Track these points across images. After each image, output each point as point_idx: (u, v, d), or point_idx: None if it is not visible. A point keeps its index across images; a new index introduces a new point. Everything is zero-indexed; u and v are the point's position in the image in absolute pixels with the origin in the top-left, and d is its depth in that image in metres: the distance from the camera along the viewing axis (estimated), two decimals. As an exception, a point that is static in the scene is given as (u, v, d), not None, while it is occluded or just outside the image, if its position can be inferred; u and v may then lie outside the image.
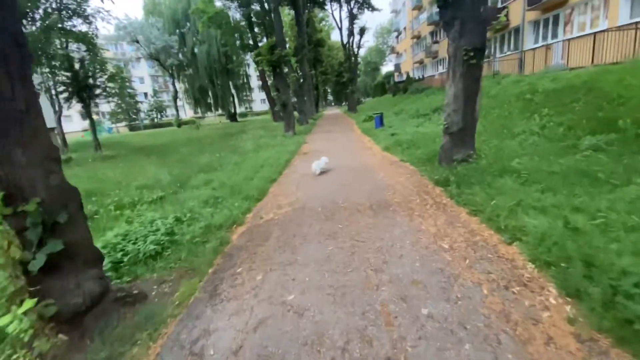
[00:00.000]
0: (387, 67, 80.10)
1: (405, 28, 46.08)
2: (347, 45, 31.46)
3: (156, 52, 32.40)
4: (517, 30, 19.56)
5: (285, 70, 15.93)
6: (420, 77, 36.54)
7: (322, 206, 4.84)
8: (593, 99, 7.50)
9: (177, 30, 34.77)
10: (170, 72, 35.53)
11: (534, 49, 17.17)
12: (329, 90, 77.88)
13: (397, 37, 52.78)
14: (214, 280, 3.06)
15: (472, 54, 5.20)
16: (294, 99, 20.03)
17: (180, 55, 35.69)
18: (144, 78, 64.06)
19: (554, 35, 16.48)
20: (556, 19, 16.30)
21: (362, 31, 29.96)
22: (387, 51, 78.19)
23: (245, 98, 48.10)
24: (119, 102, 47.55)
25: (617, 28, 11.44)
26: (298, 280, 2.86)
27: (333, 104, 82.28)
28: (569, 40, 14.57)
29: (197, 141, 16.45)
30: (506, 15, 19.39)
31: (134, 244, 3.75)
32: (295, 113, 25.65)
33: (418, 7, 37.38)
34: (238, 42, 28.74)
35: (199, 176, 7.48)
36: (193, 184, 6.85)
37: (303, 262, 3.18)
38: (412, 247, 3.22)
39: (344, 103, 74.88)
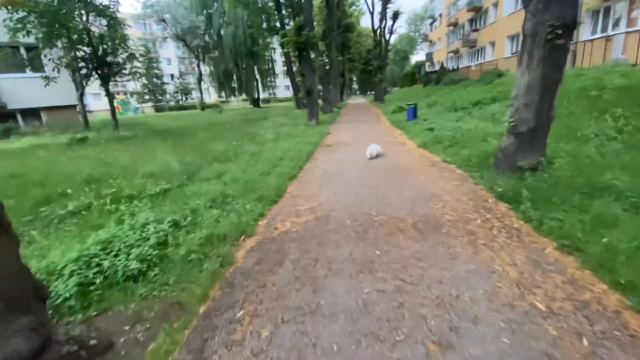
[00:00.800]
0: (417, 57, 76.70)
1: (441, 15, 43.19)
2: (378, 31, 29.62)
3: (182, 33, 31.90)
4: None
5: (312, 55, 14.81)
6: (455, 67, 34.17)
7: (352, 217, 3.88)
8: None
9: (205, 11, 34.09)
10: (196, 53, 35.09)
11: (591, 41, 15.08)
12: (354, 79, 75.60)
13: (431, 24, 49.80)
14: (204, 328, 2.20)
15: (559, 31, 3.96)
16: (319, 86, 18.92)
17: (206, 37, 35.14)
18: (171, 59, 64.54)
19: (615, 26, 14.32)
20: (619, 8, 14.10)
21: (396, 15, 28.01)
22: (418, 39, 74.62)
23: (269, 84, 47.27)
24: (146, 82, 48.33)
25: None
26: (320, 347, 1.94)
27: (358, 92, 79.96)
28: (633, 32, 12.60)
29: (217, 126, 15.79)
30: None
31: (116, 256, 2.97)
32: (319, 101, 24.60)
33: (457, -9, 34.64)
34: (265, 25, 27.68)
35: (212, 166, 6.69)
36: (204, 175, 6.06)
37: (328, 311, 2.25)
38: (490, 302, 2.21)
39: (369, 92, 72.66)
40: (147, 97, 48.33)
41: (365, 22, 73.11)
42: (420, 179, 5.26)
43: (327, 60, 25.44)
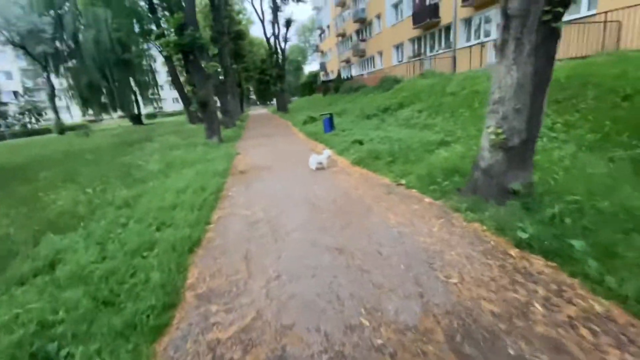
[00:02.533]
0: (310, 67, 79.26)
1: (328, 26, 45.02)
2: (272, 39, 28.39)
3: (20, 38, 24.00)
4: (448, 28, 19.36)
5: (203, 61, 12.18)
6: (349, 76, 35.67)
7: (332, 351, 1.98)
8: (601, 95, 6.24)
9: (51, 11, 26.69)
10: (43, 63, 27.08)
11: (469, 47, 16.92)
12: (251, 89, 73.03)
13: (320, 35, 51.61)
14: None
15: (560, 9, 2.95)
16: (215, 97, 16.24)
17: (57, 43, 27.59)
18: (11, 73, 49.93)
19: (487, 34, 16.40)
20: (488, 18, 16.20)
21: (289, 23, 27.26)
22: (309, 50, 77.30)
23: (152, 97, 40.69)
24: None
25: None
26: None
27: (258, 103, 77.77)
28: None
29: (75, 157, 11.54)
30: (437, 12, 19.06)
31: None
32: (218, 114, 21.60)
33: (342, 4, 36.41)
34: (137, 29, 23.13)
35: (40, 247, 3.77)
36: (16, 271, 3.20)
37: None
38: None
39: (269, 102, 71.37)
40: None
41: (255, 32, 71.47)
42: (389, 219, 3.72)
43: (220, 69, 22.65)
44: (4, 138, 33.78)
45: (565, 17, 3.47)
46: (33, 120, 37.49)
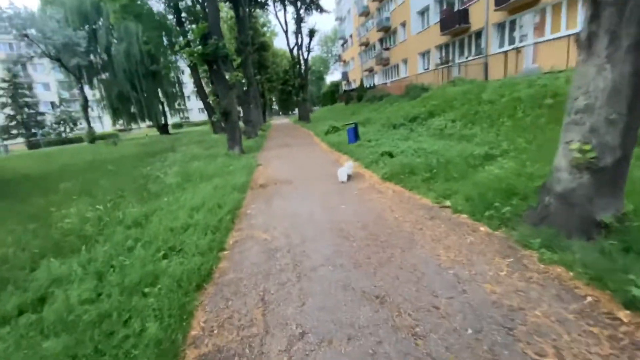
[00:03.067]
0: (331, 77, 79.52)
1: (351, 35, 44.90)
2: (295, 49, 28.43)
3: (56, 51, 25.43)
4: (478, 33, 18.44)
5: (226, 72, 12.04)
6: (371, 85, 35.08)
7: None
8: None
9: (86, 26, 28.20)
10: (76, 75, 28.52)
11: (503, 53, 15.90)
12: (274, 99, 74.08)
13: (342, 45, 51.62)
14: None
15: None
16: (238, 107, 16.13)
17: (91, 56, 29.02)
18: (49, 84, 53.32)
19: (523, 39, 15.33)
20: (524, 22, 15.15)
21: (312, 33, 27.20)
22: (331, 60, 77.73)
23: (179, 107, 41.93)
24: (13, 112, 38.08)
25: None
26: None
27: (280, 113, 78.73)
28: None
29: (98, 167, 11.58)
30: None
31: None
32: (240, 123, 21.62)
33: (365, 14, 36.16)
34: (165, 41, 23.77)
35: (38, 271, 3.38)
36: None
37: None
38: None
39: (291, 112, 72.07)
40: (15, 131, 38.04)
41: (278, 44, 72.90)
42: (440, 255, 3.01)
43: (243, 80, 22.79)
44: (39, 146, 35.74)
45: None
46: (68, 129, 39.47)
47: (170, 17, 20.76)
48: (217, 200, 5.42)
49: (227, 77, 11.19)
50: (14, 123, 37.68)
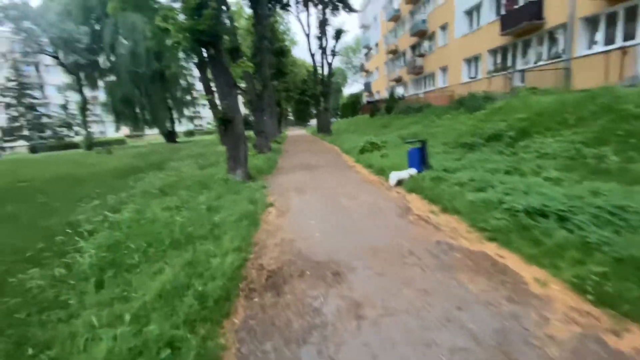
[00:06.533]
0: (349, 89, 76.51)
1: (377, 44, 41.65)
2: (320, 54, 25.18)
3: (54, 46, 22.98)
4: (554, 31, 14.58)
5: (228, 60, 8.42)
6: (401, 96, 31.36)
7: None
8: None
9: (89, 21, 25.81)
10: (75, 74, 25.98)
11: (601, 54, 11.93)
12: (289, 110, 71.33)
13: (366, 54, 48.46)
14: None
15: None
16: (246, 112, 12.61)
17: (94, 55, 26.50)
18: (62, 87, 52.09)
19: (630, 36, 11.35)
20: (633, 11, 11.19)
21: (339, 34, 23.90)
22: (350, 71, 74.82)
23: (192, 114, 39.29)
24: (16, 114, 36.23)
25: None
26: None
27: (295, 124, 75.91)
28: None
29: (42, 189, 8.18)
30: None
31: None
32: (251, 133, 18.13)
33: (395, 18, 32.80)
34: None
35: None
36: None
37: None
38: None
39: (307, 123, 69.07)
40: (17, 133, 36.05)
41: (297, 53, 70.59)
42: None
43: (255, 77, 19.37)
44: (35, 151, 33.41)
45: None
46: (72, 133, 37.28)
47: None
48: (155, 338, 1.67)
49: (229, 68, 7.66)
50: (17, 125, 35.74)
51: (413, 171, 6.77)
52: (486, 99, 13.40)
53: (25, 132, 36.10)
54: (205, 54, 7.83)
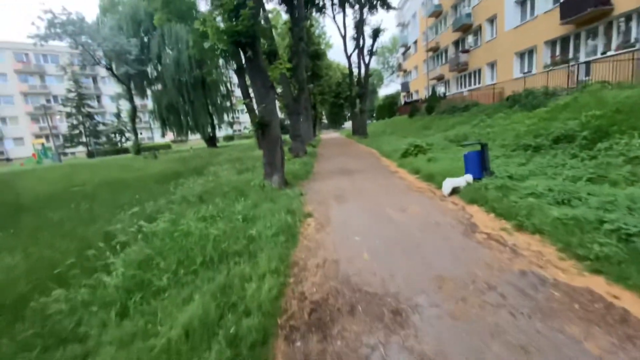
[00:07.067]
0: (385, 90, 74.68)
1: (415, 42, 40.03)
2: (355, 54, 24.55)
3: (107, 58, 24.82)
4: (624, 18, 12.69)
5: (266, 62, 8.15)
6: (441, 95, 29.63)
7: None
8: None
9: (140, 33, 27.55)
10: (126, 84, 27.83)
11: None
12: (323, 113, 71.24)
13: (404, 53, 46.85)
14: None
15: None
16: (281, 116, 12.35)
17: (144, 66, 28.21)
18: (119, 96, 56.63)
19: None
20: None
21: (377, 32, 23.06)
22: (386, 72, 73.02)
23: (232, 120, 40.49)
24: (75, 122, 39.85)
25: None
26: None
27: (329, 127, 75.64)
28: None
29: (88, 195, 8.46)
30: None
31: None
32: (286, 137, 17.98)
33: (436, 14, 31.18)
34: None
35: None
36: None
37: None
38: None
39: (342, 126, 68.55)
40: (75, 140, 39.62)
41: (332, 56, 70.44)
42: None
43: (292, 81, 19.28)
44: (92, 155, 36.33)
45: None
46: (123, 139, 40.15)
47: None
48: None
49: (267, 71, 7.36)
50: (76, 132, 39.26)
51: (469, 178, 5.93)
52: (547, 95, 11.90)
53: (84, 139, 39.48)
54: (243, 58, 7.63)
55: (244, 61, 7.64)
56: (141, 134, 54.96)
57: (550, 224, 3.61)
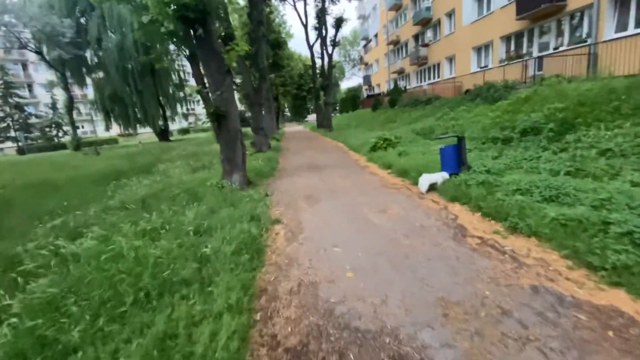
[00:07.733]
0: (347, 83, 75.02)
1: (376, 35, 40.15)
2: (319, 44, 23.78)
3: (36, 41, 21.41)
4: (576, 14, 13.37)
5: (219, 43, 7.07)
6: (403, 88, 30.01)
7: None
8: None
9: (77, 15, 24.23)
10: (60, 70, 24.39)
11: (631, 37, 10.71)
12: (286, 105, 69.64)
13: (365, 46, 46.95)
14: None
15: None
16: (242, 108, 11.33)
17: (79, 49, 24.86)
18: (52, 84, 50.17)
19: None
20: None
21: (339, 22, 22.49)
22: (348, 65, 73.14)
23: (186, 110, 37.71)
24: (1, 114, 34.54)
25: None
26: None
27: (292, 120, 74.34)
28: None
29: (26, 196, 6.95)
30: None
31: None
32: (247, 130, 16.84)
33: (397, 7, 31.32)
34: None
35: None
36: None
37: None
38: None
39: (305, 119, 67.60)
40: (2, 135, 34.41)
41: (293, 46, 68.68)
42: None
43: (250, 76, 18.00)
44: (23, 152, 31.83)
45: None
46: (60, 133, 35.69)
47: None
48: None
49: (221, 52, 6.39)
50: (3, 125, 34.07)
51: (446, 175, 5.56)
52: (507, 88, 12.17)
53: (12, 133, 34.44)
54: (194, 39, 6.56)
55: (195, 41, 6.55)
56: (82, 127, 49.41)
57: (548, 226, 3.26)
